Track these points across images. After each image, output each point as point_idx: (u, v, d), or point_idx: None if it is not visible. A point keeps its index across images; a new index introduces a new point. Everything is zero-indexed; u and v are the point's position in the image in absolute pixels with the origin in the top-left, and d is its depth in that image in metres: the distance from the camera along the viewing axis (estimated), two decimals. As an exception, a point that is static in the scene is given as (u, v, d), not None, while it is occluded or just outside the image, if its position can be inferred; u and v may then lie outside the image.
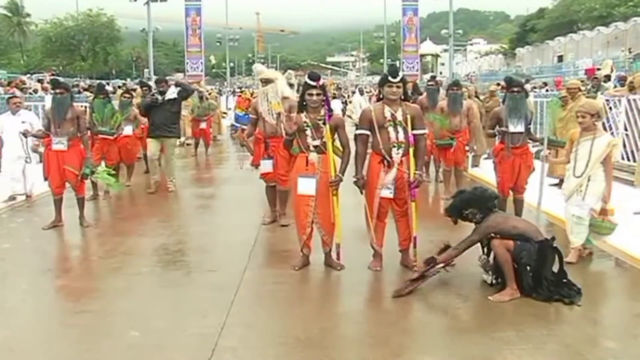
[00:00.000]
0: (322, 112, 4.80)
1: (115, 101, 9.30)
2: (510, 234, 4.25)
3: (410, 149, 4.71)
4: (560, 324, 3.80)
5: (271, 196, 6.55)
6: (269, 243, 5.93)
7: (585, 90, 10.56)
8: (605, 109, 9.96)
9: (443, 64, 57.80)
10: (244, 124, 8.01)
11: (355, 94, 16.82)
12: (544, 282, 4.12)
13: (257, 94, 7.13)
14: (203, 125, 13.47)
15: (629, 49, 29.71)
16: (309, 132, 4.78)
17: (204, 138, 13.64)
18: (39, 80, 22.14)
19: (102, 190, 8.04)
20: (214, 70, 67.93)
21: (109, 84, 24.46)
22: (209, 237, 6.20)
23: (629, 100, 9.59)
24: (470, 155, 9.21)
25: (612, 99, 10.16)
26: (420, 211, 4.98)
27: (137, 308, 4.15)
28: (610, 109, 10.02)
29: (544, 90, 17.33)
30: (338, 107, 12.09)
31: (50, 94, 8.53)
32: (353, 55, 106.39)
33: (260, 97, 6.31)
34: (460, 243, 4.44)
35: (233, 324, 3.82)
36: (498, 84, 13.12)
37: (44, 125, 6.76)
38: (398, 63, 33.83)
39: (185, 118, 14.17)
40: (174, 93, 8.17)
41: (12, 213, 7.32)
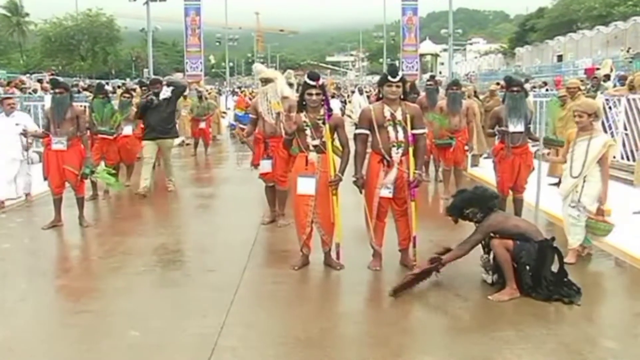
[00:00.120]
0: (322, 112, 4.80)
1: (115, 101, 9.30)
2: (511, 233, 4.25)
3: (410, 149, 4.71)
4: (560, 323, 3.80)
5: (270, 196, 6.55)
6: (268, 243, 5.93)
7: (585, 89, 10.57)
8: (605, 109, 9.99)
9: (442, 64, 57.85)
10: (244, 124, 7.99)
11: (354, 93, 16.78)
12: (543, 282, 4.12)
13: (257, 94, 7.13)
14: (202, 125, 13.47)
15: (628, 49, 29.72)
16: (308, 132, 4.78)
17: (203, 138, 13.64)
18: (38, 80, 22.13)
19: (102, 190, 8.04)
20: (214, 70, 67.92)
21: (109, 83, 24.46)
22: (209, 237, 6.20)
23: (628, 100, 9.59)
24: (470, 154, 9.22)
25: (612, 98, 10.16)
26: (420, 211, 4.98)
27: (137, 308, 4.15)
28: (610, 108, 10.02)
29: (544, 89, 17.31)
30: (337, 107, 12.06)
31: (49, 93, 8.51)
32: (352, 54, 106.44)
33: (260, 97, 6.31)
34: (464, 243, 4.43)
35: (233, 323, 3.82)
36: (498, 84, 13.12)
37: (43, 125, 6.75)
38: (397, 63, 33.83)
39: (184, 118, 14.19)
40: (167, 92, 8.14)
41: (12, 213, 7.31)
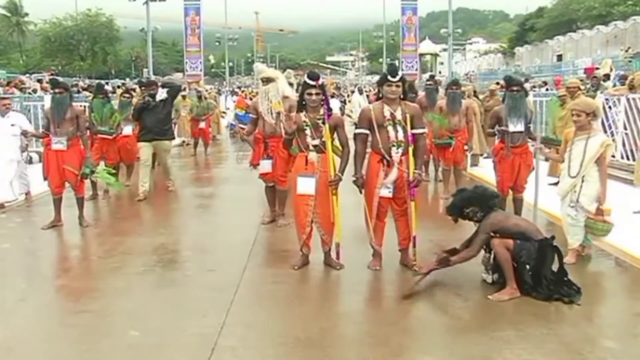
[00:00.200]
0: (322, 112, 4.80)
1: (115, 101, 9.29)
2: (512, 232, 4.25)
3: (410, 148, 4.71)
4: (560, 323, 3.80)
5: (270, 196, 6.55)
6: (268, 243, 5.93)
7: (584, 89, 10.56)
8: (604, 108, 9.99)
9: (442, 63, 57.86)
10: (244, 123, 7.97)
11: (354, 93, 16.78)
12: (543, 281, 4.12)
13: (257, 94, 7.11)
14: (202, 124, 13.48)
15: (628, 48, 29.71)
16: (308, 132, 4.78)
17: (203, 138, 13.64)
18: (38, 80, 22.12)
19: (102, 190, 8.04)
20: (213, 69, 67.91)
21: (108, 83, 24.46)
22: (209, 237, 6.20)
23: (628, 100, 9.59)
24: (469, 154, 9.22)
25: (612, 98, 10.16)
26: (420, 211, 4.97)
27: (137, 308, 4.14)
28: (610, 108, 10.02)
29: (544, 89, 17.31)
30: (336, 107, 12.07)
31: (49, 93, 8.49)
32: (352, 54, 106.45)
33: (260, 96, 6.29)
34: (472, 245, 4.40)
35: (233, 323, 3.82)
36: (498, 83, 13.12)
37: (43, 125, 6.75)
38: (397, 62, 33.82)
39: (184, 118, 14.20)
40: (163, 94, 8.07)
41: (12, 213, 7.30)
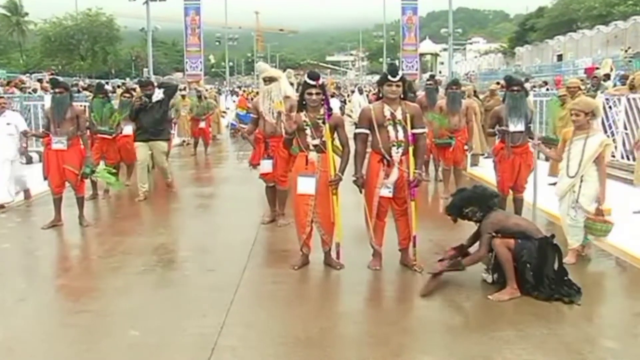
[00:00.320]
0: (322, 111, 4.79)
1: (115, 101, 9.29)
2: (512, 231, 4.24)
3: (410, 148, 4.71)
4: (560, 323, 3.80)
5: (271, 196, 6.54)
6: (268, 242, 5.92)
7: (585, 89, 10.56)
8: (605, 108, 9.99)
9: (442, 63, 57.86)
10: (245, 123, 7.96)
11: (354, 93, 16.79)
12: (545, 280, 4.11)
13: (257, 94, 7.10)
14: (202, 124, 13.48)
15: (628, 48, 29.70)
16: (308, 131, 4.78)
17: (203, 137, 13.64)
18: (38, 80, 22.14)
19: (102, 189, 8.04)
20: (213, 69, 67.95)
21: (108, 83, 24.48)
22: (209, 237, 6.20)
23: (628, 99, 9.58)
24: (469, 154, 9.22)
25: (612, 98, 10.16)
26: (420, 210, 4.97)
27: (137, 307, 4.14)
28: (610, 108, 10.02)
29: (544, 89, 17.30)
30: (336, 106, 12.09)
31: (49, 93, 8.48)
32: (352, 54, 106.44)
33: (262, 96, 6.27)
34: (479, 246, 4.38)
35: (232, 323, 3.82)
36: (498, 83, 13.11)
37: (43, 125, 6.74)
38: (397, 62, 33.81)
39: (184, 117, 14.20)
40: (160, 94, 7.98)
41: (12, 213, 7.30)
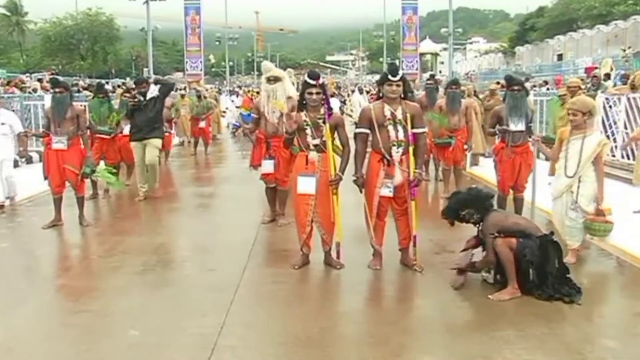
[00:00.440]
0: (322, 111, 4.79)
1: (116, 100, 9.28)
2: (512, 230, 4.24)
3: (410, 148, 4.71)
4: (560, 322, 3.79)
5: (271, 196, 6.53)
6: (268, 242, 5.92)
7: (585, 88, 10.55)
8: (605, 108, 9.99)
9: (442, 63, 57.89)
10: (247, 123, 7.93)
11: (354, 92, 16.78)
12: (549, 278, 4.10)
13: (259, 93, 7.08)
14: (202, 124, 13.48)
15: (628, 47, 29.69)
16: (308, 131, 4.78)
17: (203, 137, 13.65)
18: (38, 80, 22.14)
19: (102, 189, 8.03)
20: (214, 69, 67.93)
21: (109, 83, 24.49)
22: (209, 237, 6.20)
23: (628, 99, 9.58)
24: (469, 153, 9.21)
25: (612, 97, 10.15)
26: (420, 210, 4.97)
27: (137, 307, 4.14)
28: (610, 107, 10.02)
29: (545, 88, 17.29)
30: (336, 106, 12.09)
31: (49, 93, 8.46)
32: (352, 54, 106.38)
33: (264, 96, 6.23)
34: (486, 251, 4.35)
35: (233, 323, 3.82)
36: (498, 83, 13.11)
37: (43, 125, 6.73)
38: (397, 62, 33.82)
39: (184, 117, 14.19)
40: (155, 91, 7.85)
41: (11, 212, 7.30)
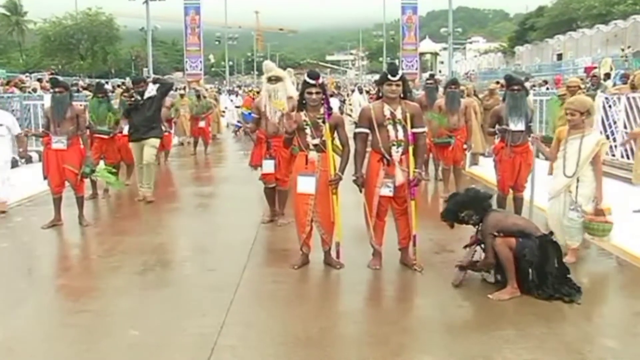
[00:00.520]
0: (322, 111, 4.79)
1: (115, 100, 9.27)
2: (511, 230, 4.24)
3: (410, 147, 4.71)
4: (560, 322, 3.79)
5: (270, 196, 6.52)
6: (268, 242, 5.92)
7: (584, 88, 10.55)
8: (605, 107, 9.99)
9: (442, 63, 57.89)
10: (248, 123, 7.93)
11: (354, 92, 16.79)
12: (549, 278, 4.10)
13: (260, 93, 7.07)
14: (202, 124, 13.47)
15: (627, 47, 29.71)
16: (308, 131, 4.77)
17: (203, 137, 13.64)
18: (38, 80, 22.14)
19: (101, 189, 8.03)
20: (213, 69, 67.96)
21: (108, 82, 24.50)
22: (208, 236, 6.20)
23: (628, 98, 9.58)
24: (469, 153, 9.22)
25: (612, 97, 10.15)
26: (420, 210, 4.96)
27: (137, 307, 4.14)
28: (610, 107, 10.02)
29: (544, 88, 17.30)
30: (335, 106, 12.10)
31: (49, 93, 8.45)
32: (352, 53, 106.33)
33: (265, 96, 6.21)
34: (487, 253, 4.36)
35: (232, 323, 3.81)
36: (498, 82, 13.12)
37: (43, 125, 6.73)
38: (397, 61, 33.82)
39: (183, 117, 14.19)
40: (153, 91, 7.74)
41: (11, 212, 7.29)
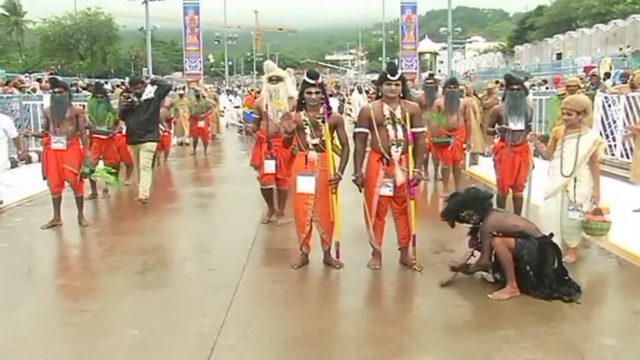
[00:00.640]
0: (321, 111, 4.79)
1: (115, 100, 9.25)
2: (511, 232, 4.24)
3: (409, 147, 4.71)
4: (560, 321, 3.79)
5: (268, 197, 6.50)
6: (267, 242, 5.92)
7: (584, 87, 10.56)
8: (604, 107, 10.00)
9: (442, 62, 57.91)
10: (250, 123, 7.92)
11: (354, 92, 16.78)
12: (546, 280, 4.11)
13: (260, 93, 7.05)
14: (201, 123, 13.47)
15: (627, 46, 29.72)
16: (308, 131, 4.77)
17: (202, 137, 13.64)
18: (37, 80, 22.12)
19: (101, 189, 8.02)
20: (213, 69, 67.99)
21: (107, 82, 24.48)
22: (208, 236, 6.20)
23: (627, 98, 9.59)
24: (468, 152, 9.22)
25: (611, 96, 10.16)
26: (419, 209, 4.97)
27: (136, 307, 4.14)
28: (610, 106, 10.03)
29: (544, 88, 17.30)
30: (335, 106, 12.11)
31: (48, 93, 8.44)
32: (352, 53, 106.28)
33: (265, 96, 6.20)
34: (482, 253, 4.39)
35: (232, 322, 3.81)
36: (497, 82, 13.13)
37: (42, 125, 6.72)
38: (397, 61, 33.82)
39: (182, 117, 14.20)
40: (150, 93, 7.53)
41: (11, 212, 7.29)
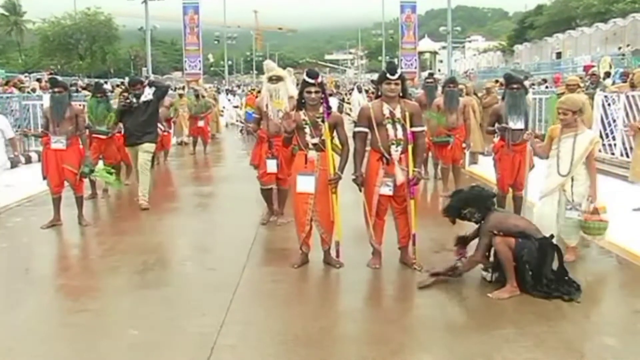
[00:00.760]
0: (321, 110, 4.79)
1: (115, 100, 9.25)
2: (511, 232, 4.24)
3: (409, 146, 4.70)
4: (560, 321, 3.79)
5: (267, 197, 6.49)
6: (267, 241, 5.92)
7: (584, 87, 10.56)
8: (604, 106, 10.00)
9: (441, 61, 57.92)
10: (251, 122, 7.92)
11: (353, 91, 16.79)
12: (543, 280, 4.11)
13: (261, 92, 7.04)
14: (201, 123, 13.47)
15: (626, 45, 29.72)
16: (307, 130, 4.77)
17: (202, 136, 13.64)
18: (37, 80, 22.13)
19: (101, 189, 8.03)
20: (212, 68, 67.98)
21: (107, 82, 24.49)
22: (208, 236, 6.20)
23: (627, 97, 9.59)
24: (467, 152, 9.22)
25: (611, 95, 10.16)
26: (419, 209, 4.97)
27: (136, 307, 4.14)
28: (609, 105, 10.03)
29: (543, 87, 17.30)
30: (334, 105, 12.11)
31: (48, 92, 8.44)
32: (351, 53, 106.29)
33: (266, 95, 6.19)
34: (476, 250, 4.40)
35: (232, 322, 3.81)
36: (496, 81, 13.13)
37: (42, 125, 6.72)
38: (396, 60, 33.81)
39: (182, 116, 14.20)
40: (149, 94, 7.47)
41: (10, 212, 7.29)
